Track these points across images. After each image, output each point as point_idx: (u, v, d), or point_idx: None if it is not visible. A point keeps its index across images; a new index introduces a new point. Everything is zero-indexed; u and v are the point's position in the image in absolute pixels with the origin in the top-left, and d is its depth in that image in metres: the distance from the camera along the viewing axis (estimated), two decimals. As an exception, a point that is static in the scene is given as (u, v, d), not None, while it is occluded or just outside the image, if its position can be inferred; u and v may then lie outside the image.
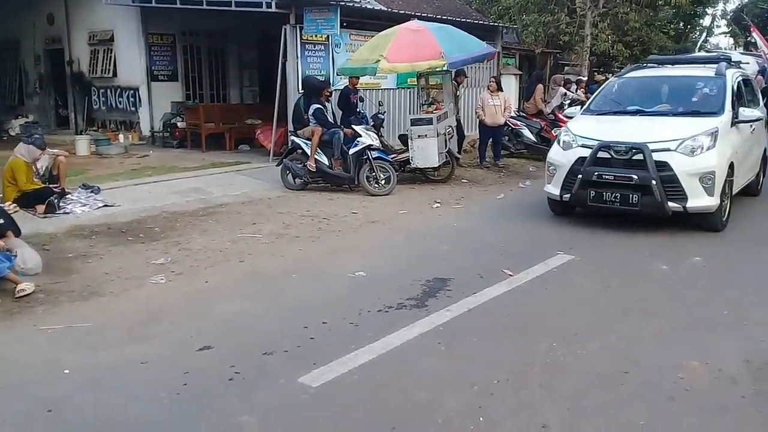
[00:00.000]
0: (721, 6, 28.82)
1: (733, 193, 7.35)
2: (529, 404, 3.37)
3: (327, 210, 8.22)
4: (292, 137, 9.83)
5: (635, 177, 6.61)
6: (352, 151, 9.23)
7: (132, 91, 14.45)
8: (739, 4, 40.50)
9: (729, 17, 35.31)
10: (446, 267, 5.74)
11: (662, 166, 6.60)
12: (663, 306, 4.81)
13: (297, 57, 11.51)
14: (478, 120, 11.86)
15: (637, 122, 7.47)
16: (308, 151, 9.28)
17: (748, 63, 10.87)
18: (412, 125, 9.82)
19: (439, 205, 8.66)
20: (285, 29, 11.31)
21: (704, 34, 27.04)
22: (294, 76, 11.46)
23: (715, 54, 9.97)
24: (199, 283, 5.44)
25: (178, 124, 13.90)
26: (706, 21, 26.82)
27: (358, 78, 10.39)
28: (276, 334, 4.29)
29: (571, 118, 8.33)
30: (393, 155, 9.97)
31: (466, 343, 4.15)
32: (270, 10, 10.91)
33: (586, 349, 4.04)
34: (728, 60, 8.80)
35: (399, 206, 8.50)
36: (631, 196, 6.66)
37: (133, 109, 14.51)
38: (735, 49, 40.84)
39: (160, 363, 3.90)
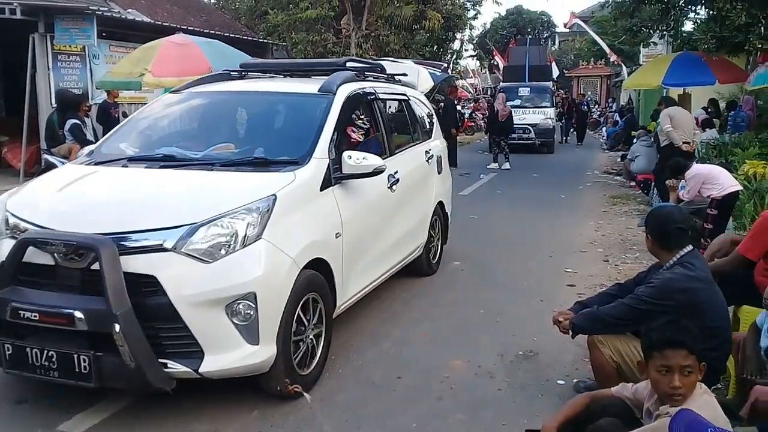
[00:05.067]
0: (468, 31, 31.97)
1: (341, 308, 4.28)
2: (309, 420, 3.42)
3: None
4: (46, 156, 8.92)
5: (80, 314, 3.08)
6: (116, 170, 8.61)
7: None
8: (483, 31, 45.44)
9: (475, 42, 39.33)
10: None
11: (147, 284, 3.17)
12: (429, 310, 5.20)
13: (48, 68, 10.57)
14: None
15: (141, 183, 3.90)
16: (65, 172, 8.48)
17: (405, 75, 6.67)
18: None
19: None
20: (33, 38, 10.29)
21: (454, 57, 29.67)
22: (46, 89, 10.49)
23: (342, 59, 6.30)
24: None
25: None
26: (456, 45, 29.59)
27: (118, 91, 9.84)
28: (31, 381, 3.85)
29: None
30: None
31: (245, 366, 4.08)
32: (14, 17, 9.86)
33: (362, 359, 4.21)
34: (367, 69, 5.52)
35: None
36: (77, 356, 3.11)
37: None
38: (481, 71, 45.48)
39: None
